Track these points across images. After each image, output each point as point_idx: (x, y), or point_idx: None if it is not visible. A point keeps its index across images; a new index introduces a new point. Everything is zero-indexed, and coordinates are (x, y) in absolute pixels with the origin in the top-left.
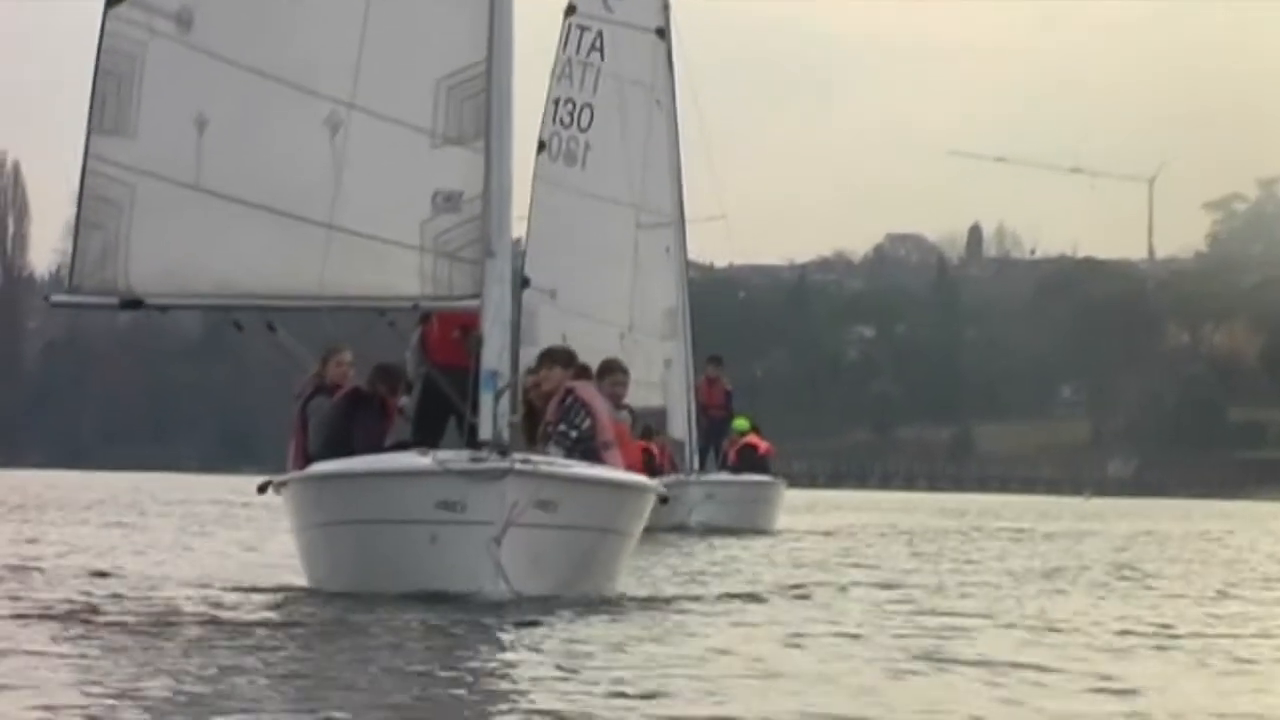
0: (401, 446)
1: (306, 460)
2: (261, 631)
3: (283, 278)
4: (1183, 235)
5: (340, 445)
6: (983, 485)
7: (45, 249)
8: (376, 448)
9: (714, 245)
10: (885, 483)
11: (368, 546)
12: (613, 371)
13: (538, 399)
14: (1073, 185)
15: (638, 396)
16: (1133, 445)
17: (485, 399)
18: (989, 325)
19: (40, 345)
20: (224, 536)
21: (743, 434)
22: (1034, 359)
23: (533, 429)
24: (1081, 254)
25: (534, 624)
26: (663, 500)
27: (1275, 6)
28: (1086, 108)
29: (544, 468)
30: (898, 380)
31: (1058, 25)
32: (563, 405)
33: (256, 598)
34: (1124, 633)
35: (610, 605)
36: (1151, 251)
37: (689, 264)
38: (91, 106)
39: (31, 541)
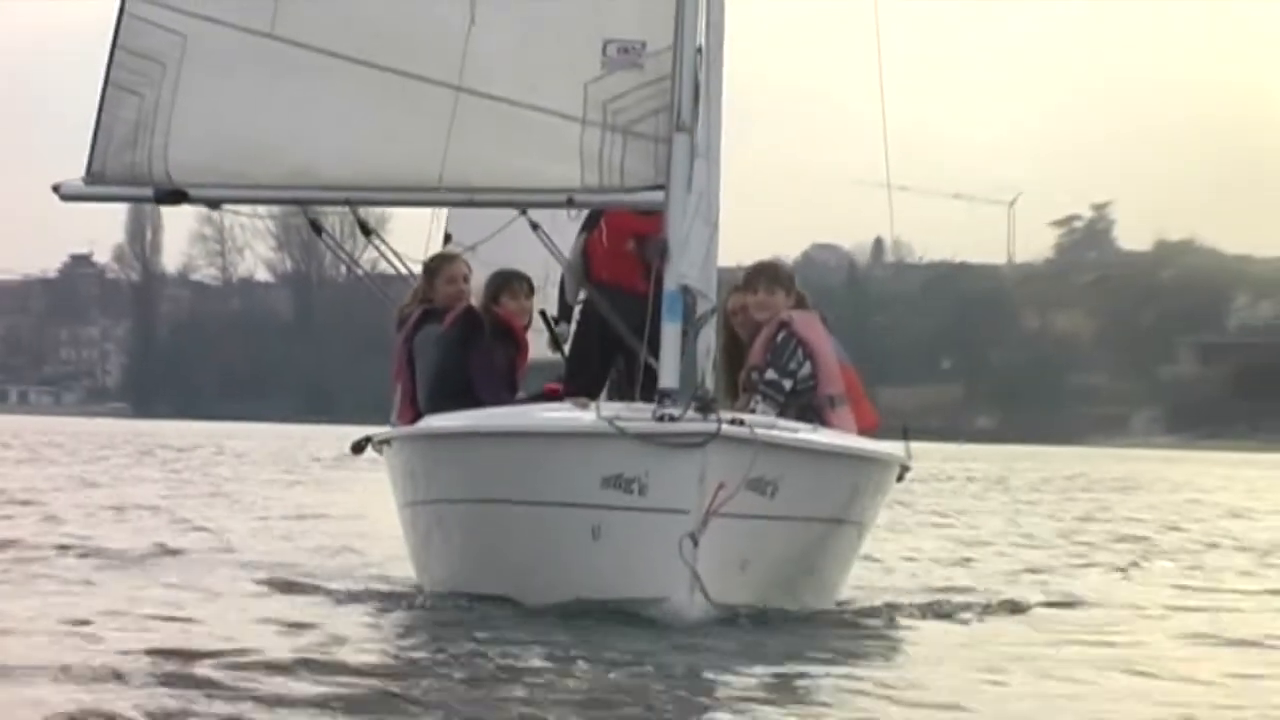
0: (551, 396)
1: (415, 413)
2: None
3: (386, 162)
4: (1035, 245)
5: (454, 390)
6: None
7: (174, 251)
8: (504, 391)
9: None
10: None
11: (497, 538)
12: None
13: (742, 328)
14: (954, 207)
15: None
16: (996, 404)
17: (669, 331)
18: (889, 313)
19: (170, 326)
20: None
21: None
22: (922, 338)
23: (733, 374)
24: (959, 260)
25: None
26: (899, 477)
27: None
28: (968, 147)
29: (762, 432)
30: None
31: (931, 82)
32: (774, 344)
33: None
34: None
35: (833, 621)
36: (1010, 257)
37: None
38: None
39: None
